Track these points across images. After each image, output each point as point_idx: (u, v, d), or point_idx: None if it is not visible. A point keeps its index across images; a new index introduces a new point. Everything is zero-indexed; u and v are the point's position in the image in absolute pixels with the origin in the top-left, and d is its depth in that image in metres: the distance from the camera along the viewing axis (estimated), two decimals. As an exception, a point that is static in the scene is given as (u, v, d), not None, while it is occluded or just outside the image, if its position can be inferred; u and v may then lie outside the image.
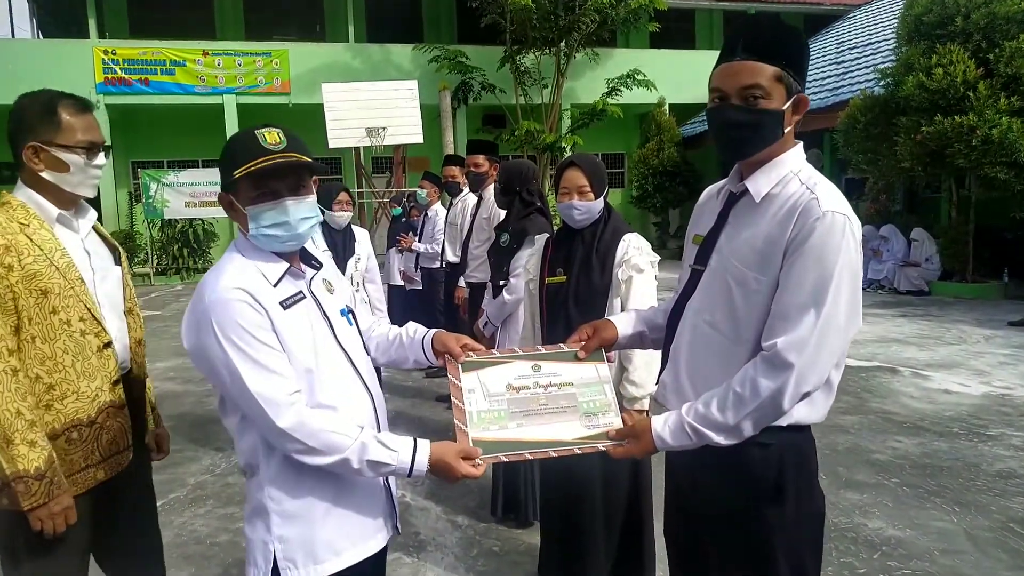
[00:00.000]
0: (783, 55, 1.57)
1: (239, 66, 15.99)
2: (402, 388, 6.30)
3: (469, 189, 5.42)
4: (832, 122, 11.84)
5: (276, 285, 1.58)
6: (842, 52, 16.49)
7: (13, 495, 1.76)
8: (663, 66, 17.15)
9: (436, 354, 1.79)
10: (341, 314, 1.70)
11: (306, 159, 1.58)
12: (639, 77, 15.88)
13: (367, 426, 1.60)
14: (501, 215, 4.08)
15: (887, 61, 12.23)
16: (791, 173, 1.62)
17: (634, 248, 2.65)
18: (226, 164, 1.57)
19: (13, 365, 1.78)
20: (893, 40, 12.21)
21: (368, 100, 13.08)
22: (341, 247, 4.35)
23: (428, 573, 3.21)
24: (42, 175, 1.89)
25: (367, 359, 1.76)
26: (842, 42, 17.46)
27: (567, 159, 2.74)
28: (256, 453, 1.58)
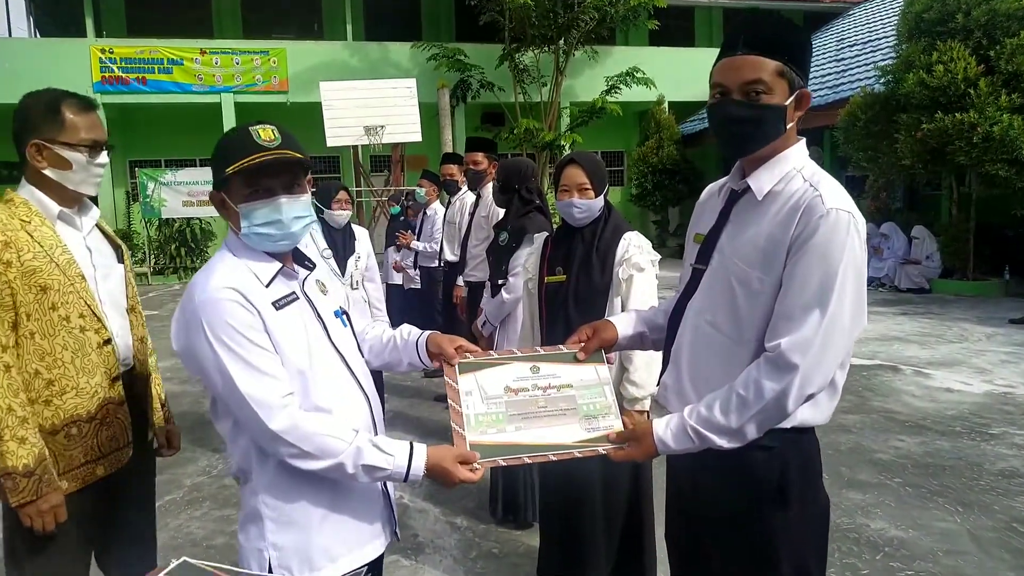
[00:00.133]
0: (785, 50, 1.54)
1: (237, 65, 15.94)
2: (400, 388, 6.27)
3: (468, 187, 5.39)
4: (832, 119, 11.81)
5: (268, 285, 1.54)
6: (842, 49, 16.46)
7: (2, 491, 1.78)
8: (662, 64, 17.10)
9: (431, 356, 1.75)
10: (335, 315, 1.66)
11: (301, 156, 1.55)
12: (638, 75, 15.83)
13: (363, 429, 1.56)
14: (500, 214, 4.05)
15: (887, 58, 12.20)
16: (794, 170, 1.59)
17: (635, 247, 2.62)
18: (219, 161, 1.54)
19: (6, 361, 1.78)
20: (893, 37, 12.18)
21: (366, 98, 13.04)
22: (341, 246, 4.32)
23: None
24: (45, 172, 1.91)
25: (362, 361, 1.72)
26: (842, 39, 17.42)
27: (567, 157, 2.71)
28: (249, 458, 1.54)
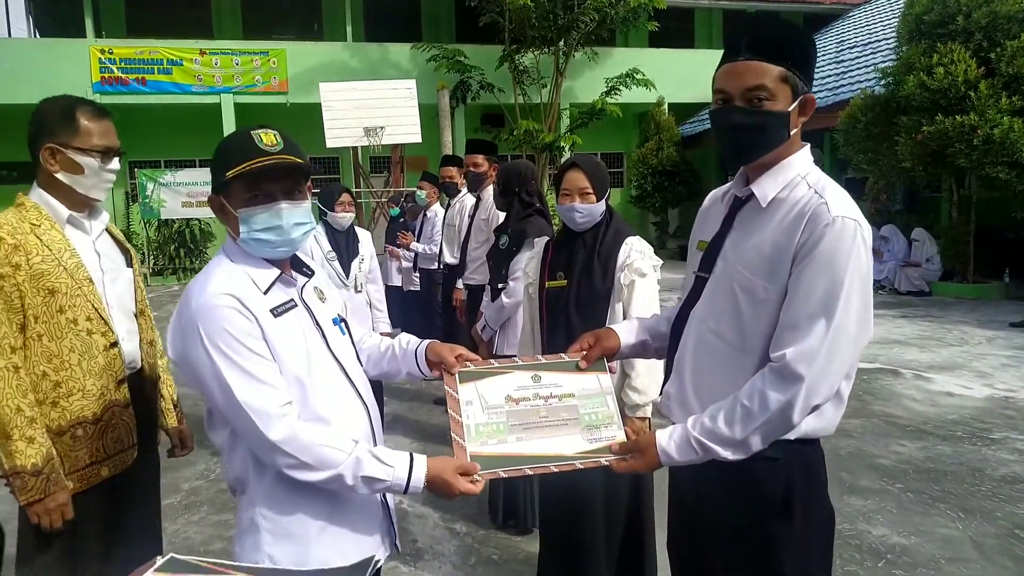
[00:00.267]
0: (788, 54, 1.52)
1: (236, 65, 15.89)
2: (399, 391, 6.24)
3: (467, 189, 5.36)
4: (832, 121, 11.78)
5: (267, 292, 1.52)
6: (842, 51, 16.44)
7: (12, 489, 1.83)
8: (662, 65, 17.07)
9: (430, 365, 1.73)
10: (333, 323, 1.64)
11: (303, 161, 1.53)
12: (638, 76, 15.80)
13: (362, 439, 1.54)
14: (500, 217, 4.02)
15: (887, 60, 12.17)
16: (799, 176, 1.58)
17: (636, 252, 2.60)
18: (219, 165, 1.52)
19: (15, 362, 1.83)
20: (893, 39, 12.16)
21: (366, 99, 12.99)
22: (344, 248, 4.31)
23: (425, 582, 3.16)
24: (57, 176, 1.95)
25: (361, 369, 1.70)
26: (842, 41, 17.40)
27: (568, 161, 2.69)
28: (246, 469, 1.52)
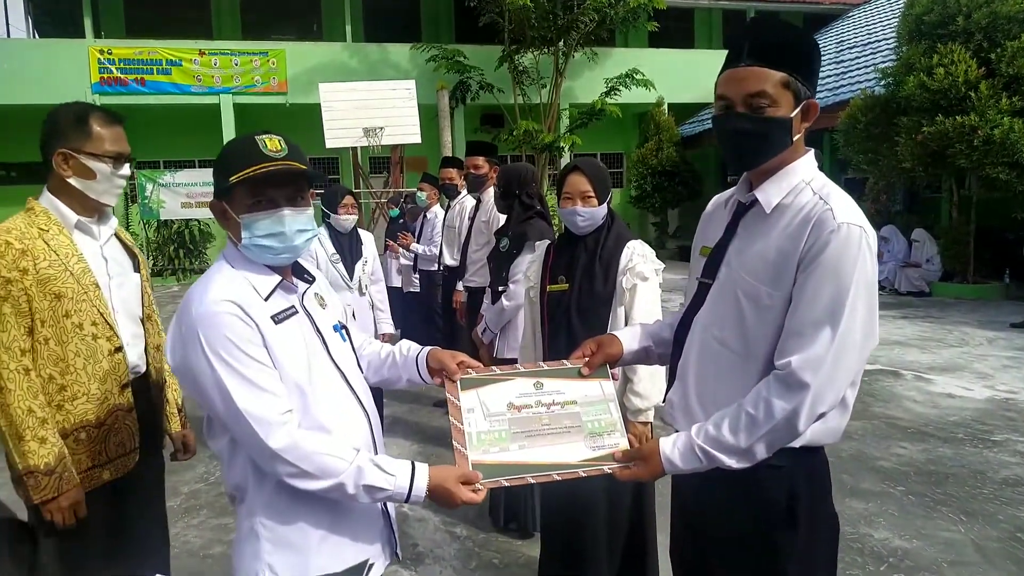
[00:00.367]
0: (790, 59, 1.51)
1: (236, 66, 15.87)
2: (399, 393, 6.22)
3: (468, 191, 5.35)
4: (832, 122, 11.78)
5: (268, 299, 1.51)
6: (842, 52, 16.43)
7: (26, 489, 1.86)
8: (662, 65, 17.07)
9: (431, 372, 1.72)
10: (334, 330, 1.63)
11: (307, 168, 1.52)
12: (638, 76, 15.80)
13: (363, 448, 1.53)
14: (501, 219, 4.01)
15: (887, 61, 12.17)
16: (803, 182, 1.56)
17: (638, 255, 2.59)
18: (222, 169, 1.50)
19: (26, 364, 1.86)
20: (893, 39, 12.16)
21: (366, 100, 12.97)
22: (348, 251, 4.31)
23: (426, 586, 3.16)
24: (69, 181, 1.97)
25: (361, 376, 1.69)
26: (841, 41, 17.39)
27: (570, 164, 2.68)
28: (246, 477, 1.51)
